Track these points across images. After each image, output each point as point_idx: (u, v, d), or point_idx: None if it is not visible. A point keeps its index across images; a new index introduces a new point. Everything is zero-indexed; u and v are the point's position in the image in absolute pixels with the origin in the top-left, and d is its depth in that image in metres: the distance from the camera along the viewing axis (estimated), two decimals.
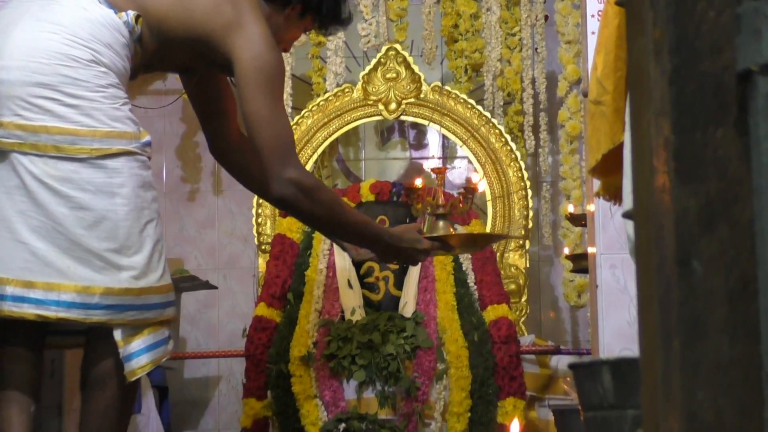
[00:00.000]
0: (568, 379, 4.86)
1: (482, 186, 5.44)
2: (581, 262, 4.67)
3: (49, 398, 3.66)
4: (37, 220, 3.06)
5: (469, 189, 3.94)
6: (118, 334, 3.11)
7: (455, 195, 5.45)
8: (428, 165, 6.23)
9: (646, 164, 1.19)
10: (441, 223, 3.79)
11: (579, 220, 4.82)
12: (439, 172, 4.07)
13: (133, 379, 3.12)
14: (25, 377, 3.23)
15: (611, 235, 3.63)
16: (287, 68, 5.79)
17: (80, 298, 3.06)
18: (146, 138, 3.20)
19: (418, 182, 3.93)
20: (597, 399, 1.61)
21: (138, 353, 3.12)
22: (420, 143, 6.29)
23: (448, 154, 6.24)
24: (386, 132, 6.23)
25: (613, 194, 2.85)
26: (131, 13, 3.17)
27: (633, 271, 3.52)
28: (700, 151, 1.15)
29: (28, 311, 3.04)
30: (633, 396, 1.56)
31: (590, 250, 3.90)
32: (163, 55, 3.34)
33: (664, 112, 1.16)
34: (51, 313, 3.04)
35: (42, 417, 3.62)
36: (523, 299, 5.39)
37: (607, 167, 2.74)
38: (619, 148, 2.63)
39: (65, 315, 3.06)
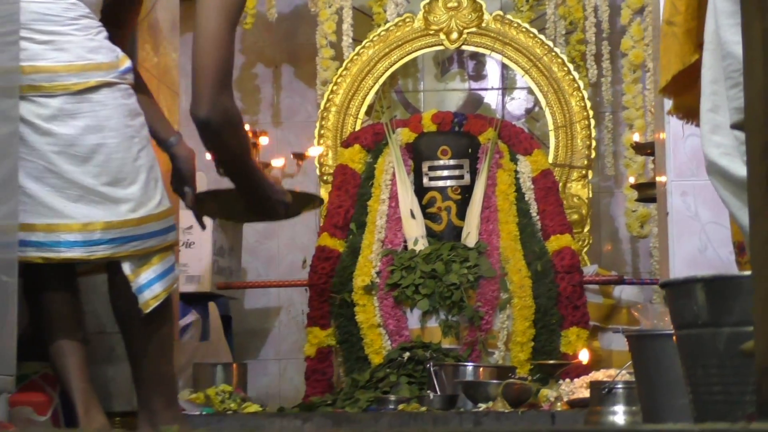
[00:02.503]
0: (640, 306, 4.85)
1: None
2: (647, 191, 4.64)
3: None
4: (29, 162, 3.02)
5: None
6: (127, 268, 3.09)
7: (516, 125, 5.43)
8: (488, 96, 6.20)
9: (758, 74, 1.18)
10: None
11: (644, 149, 4.78)
12: None
13: (148, 310, 3.11)
14: (68, 317, 3.25)
15: (682, 162, 3.60)
16: (348, 0, 5.76)
17: (81, 236, 3.04)
18: (125, 65, 3.15)
19: None
20: (691, 317, 1.60)
21: (149, 284, 3.11)
22: (479, 74, 6.25)
23: (507, 84, 6.20)
24: (446, 63, 6.19)
25: (685, 113, 2.83)
26: None
27: (704, 198, 3.50)
28: None
29: (32, 255, 3.04)
30: (728, 313, 1.55)
31: (659, 178, 3.87)
32: None
33: None
34: (54, 254, 3.04)
35: (113, 341, 3.67)
36: (586, 229, 5.37)
37: (678, 87, 2.73)
38: (690, 67, 2.61)
39: (69, 255, 3.05)
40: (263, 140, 5.61)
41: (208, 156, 3.35)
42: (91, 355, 3.36)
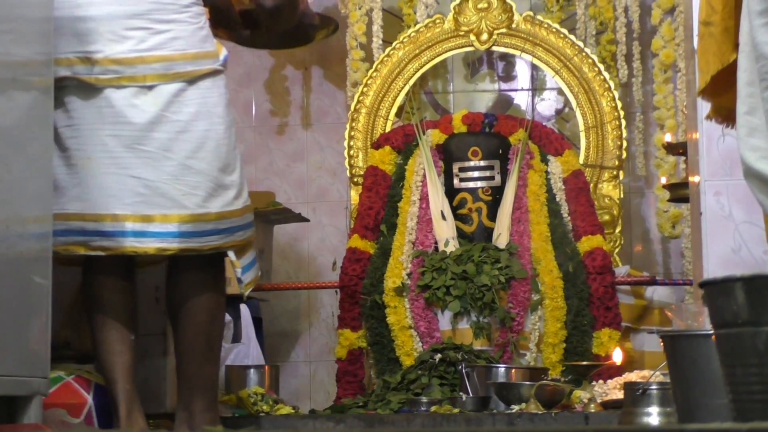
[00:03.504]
0: (673, 307, 4.83)
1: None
2: (679, 191, 4.62)
3: (153, 324, 3.72)
4: (145, 152, 3.10)
5: None
6: (232, 255, 3.19)
7: (546, 126, 5.42)
8: (517, 97, 6.18)
9: None
10: None
11: (676, 149, 4.76)
12: None
13: (247, 292, 3.29)
14: (123, 307, 3.27)
15: (715, 162, 3.58)
16: (378, 2, 5.76)
17: (194, 227, 3.11)
18: (224, 53, 3.25)
19: None
20: (730, 316, 1.59)
21: (245, 269, 3.22)
22: (508, 75, 6.23)
23: (537, 85, 6.18)
24: (475, 64, 6.18)
25: (724, 116, 2.80)
26: None
27: (738, 197, 3.48)
28: None
29: (150, 245, 3.09)
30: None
31: (692, 178, 3.85)
32: None
33: None
34: (172, 245, 3.09)
35: (147, 343, 3.68)
36: (617, 230, 5.35)
37: (717, 89, 2.70)
38: (728, 68, 2.59)
39: (185, 245, 3.11)
40: None
41: None
42: None
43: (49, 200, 2.96)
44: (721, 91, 2.70)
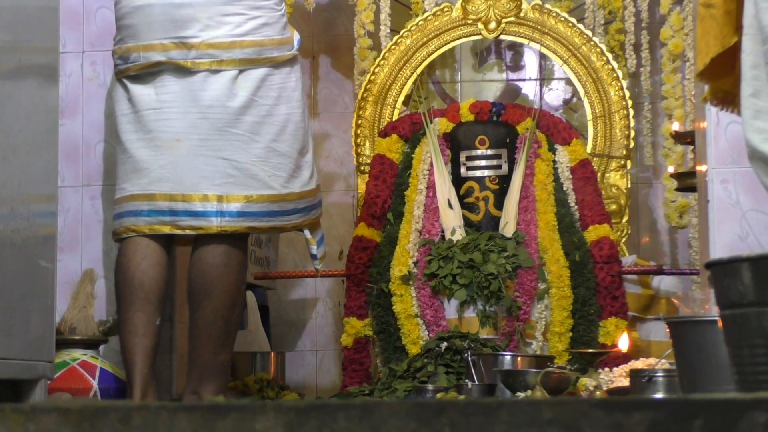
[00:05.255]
0: (680, 294, 4.82)
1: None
2: (686, 180, 4.60)
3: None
4: (235, 135, 3.20)
5: None
6: (307, 233, 3.35)
7: (554, 115, 5.40)
8: (525, 87, 6.17)
9: None
10: None
11: (684, 138, 4.74)
12: None
13: (320, 266, 3.64)
14: (155, 290, 3.30)
15: (723, 149, 3.57)
16: None
17: (279, 207, 3.24)
18: (297, 37, 3.38)
19: None
20: (736, 296, 1.58)
21: (317, 246, 3.37)
22: (516, 65, 6.22)
23: (545, 75, 6.17)
24: (483, 53, 6.17)
25: (721, 99, 2.79)
26: None
27: (746, 185, 3.47)
28: None
29: (240, 225, 3.19)
30: None
31: (699, 167, 3.84)
32: None
33: None
34: (261, 224, 3.22)
35: None
36: (624, 220, 5.34)
37: (715, 72, 2.69)
38: (728, 51, 2.58)
39: (272, 224, 3.28)
40: None
41: None
42: None
43: (55, 184, 2.96)
44: (720, 74, 2.69)
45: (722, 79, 2.71)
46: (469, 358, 4.14)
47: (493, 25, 5.52)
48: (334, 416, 1.01)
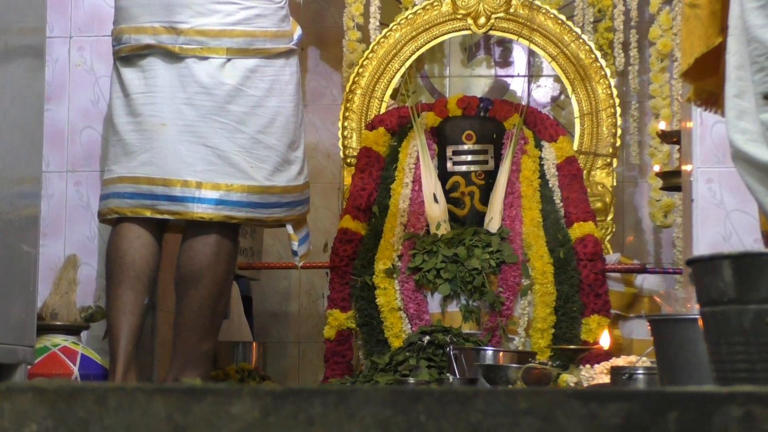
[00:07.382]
0: (662, 292, 4.83)
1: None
2: (671, 180, 4.62)
3: None
4: (220, 123, 3.20)
5: None
6: (290, 228, 3.33)
7: (541, 112, 5.41)
8: (513, 83, 6.17)
9: None
10: None
11: (670, 137, 4.75)
12: None
13: (301, 264, 3.53)
14: (146, 270, 3.31)
15: (708, 149, 3.58)
16: None
17: (260, 199, 3.22)
18: (299, 31, 3.37)
19: None
20: (717, 294, 1.58)
21: (299, 243, 3.35)
22: (505, 61, 6.22)
23: (533, 72, 6.17)
24: (472, 48, 6.17)
25: (705, 100, 2.80)
26: None
27: (730, 185, 3.48)
28: None
29: (218, 213, 3.18)
30: (755, 290, 1.54)
31: (685, 166, 3.85)
32: None
33: None
34: (238, 213, 3.20)
35: None
36: (609, 218, 5.35)
37: (699, 72, 2.70)
38: (712, 52, 2.58)
39: (251, 215, 3.24)
40: None
41: None
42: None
43: (39, 168, 2.95)
44: (704, 75, 2.70)
45: (706, 80, 2.71)
46: (451, 353, 4.14)
47: (482, 20, 5.52)
48: (310, 401, 1.01)
